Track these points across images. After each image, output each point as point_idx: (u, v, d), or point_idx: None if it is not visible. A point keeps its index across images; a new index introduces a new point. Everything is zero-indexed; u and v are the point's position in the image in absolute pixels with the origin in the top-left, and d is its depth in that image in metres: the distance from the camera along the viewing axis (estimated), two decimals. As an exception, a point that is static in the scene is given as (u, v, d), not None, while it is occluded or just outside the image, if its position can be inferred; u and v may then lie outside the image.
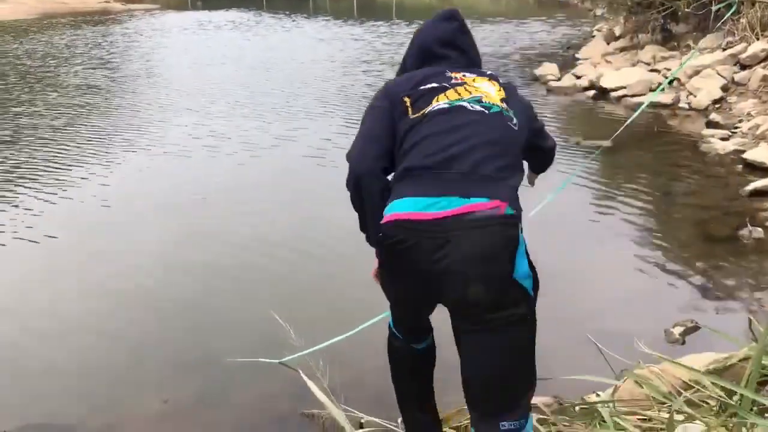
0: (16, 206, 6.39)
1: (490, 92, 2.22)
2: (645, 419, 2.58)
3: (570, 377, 2.97)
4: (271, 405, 3.34)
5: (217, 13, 27.35)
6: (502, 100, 2.22)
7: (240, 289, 4.64)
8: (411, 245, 1.98)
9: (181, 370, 3.67)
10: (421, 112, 2.16)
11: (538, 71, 12.18)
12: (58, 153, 8.19)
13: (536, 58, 14.07)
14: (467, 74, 2.28)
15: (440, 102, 2.16)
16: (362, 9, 27.82)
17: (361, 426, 3.05)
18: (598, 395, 2.87)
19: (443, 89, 2.20)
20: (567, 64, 12.82)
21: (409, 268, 2.03)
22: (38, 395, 3.49)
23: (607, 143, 7.08)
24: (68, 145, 8.55)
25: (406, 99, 2.21)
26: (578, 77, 11.46)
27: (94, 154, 8.16)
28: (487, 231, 1.93)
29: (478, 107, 2.15)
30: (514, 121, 2.20)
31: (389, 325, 2.48)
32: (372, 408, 3.09)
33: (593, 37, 15.01)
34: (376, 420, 2.99)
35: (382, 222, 2.08)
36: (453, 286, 1.96)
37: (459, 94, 2.18)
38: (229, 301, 4.45)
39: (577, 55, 13.60)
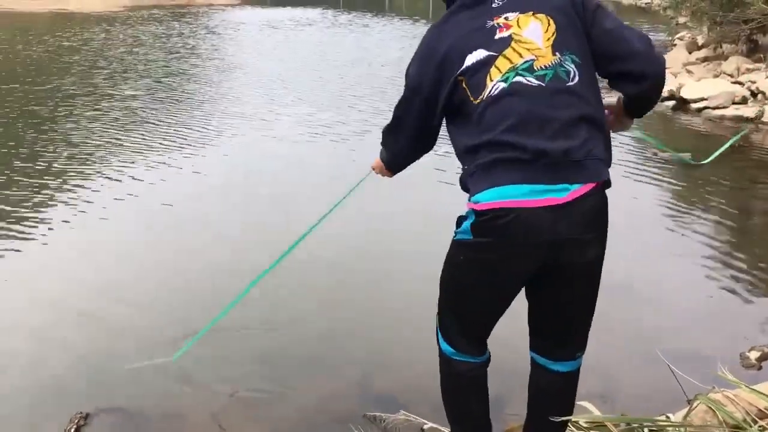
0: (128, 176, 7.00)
1: (538, 41, 2.08)
2: (717, 446, 2.51)
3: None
4: (334, 405, 3.35)
5: (296, 10, 27.68)
6: (553, 44, 2.08)
7: (316, 283, 4.69)
8: (524, 220, 2.02)
9: (250, 364, 3.72)
10: (480, 98, 2.08)
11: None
12: (168, 134, 8.73)
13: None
14: (509, 15, 2.12)
15: (495, 80, 2.06)
16: (438, 10, 27.79)
17: (422, 432, 3.05)
18: (667, 417, 2.80)
19: (492, 59, 2.08)
20: (658, 58, 12.52)
21: (521, 242, 2.05)
22: (110, 379, 3.57)
23: (687, 155, 6.91)
24: (176, 127, 9.06)
25: (461, 79, 2.12)
26: (657, 87, 11.19)
27: (203, 136, 8.64)
28: (594, 198, 2.07)
29: (534, 81, 2.05)
30: (572, 73, 2.08)
31: (445, 353, 2.42)
32: (433, 414, 3.07)
33: (674, 45, 14.66)
34: (439, 427, 2.97)
35: (482, 209, 2.06)
36: (573, 251, 2.10)
37: (510, 61, 2.07)
38: (306, 294, 4.51)
39: (656, 64, 13.26)
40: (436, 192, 6.19)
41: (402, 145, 2.49)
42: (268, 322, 4.13)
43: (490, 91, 2.07)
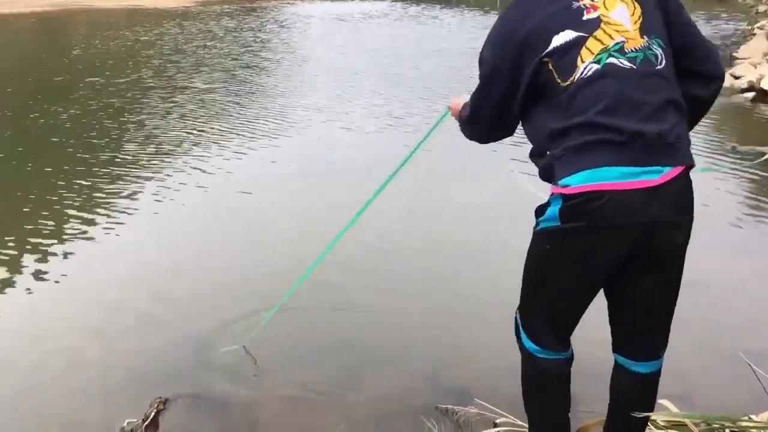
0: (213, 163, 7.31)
1: (626, 24, 2.07)
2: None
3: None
4: (406, 396, 3.36)
5: (365, 3, 27.68)
6: (641, 27, 2.08)
7: (388, 273, 4.72)
8: (617, 202, 1.98)
9: (321, 353, 3.77)
10: (571, 80, 2.05)
11: (691, 70, 11.62)
12: (243, 125, 8.94)
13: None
14: None
15: (587, 61, 2.04)
16: (506, 1, 27.46)
17: (495, 426, 3.03)
18: (750, 418, 2.72)
19: (582, 40, 2.05)
20: (724, 63, 12.15)
21: (614, 224, 2.02)
22: (188, 365, 3.66)
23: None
24: (251, 119, 9.28)
25: (547, 60, 2.08)
26: (736, 78, 10.87)
27: (277, 127, 8.83)
28: (682, 181, 2.05)
29: (626, 63, 2.03)
30: (660, 57, 2.07)
31: (529, 351, 2.37)
32: (506, 408, 3.06)
33: (754, 35, 14.21)
34: (513, 420, 2.96)
35: (573, 192, 2.02)
36: (664, 233, 2.07)
37: (601, 42, 2.04)
38: (378, 285, 4.55)
39: (735, 54, 12.91)
40: (512, 183, 6.13)
41: (478, 135, 2.47)
42: (341, 312, 4.17)
43: (582, 72, 2.04)
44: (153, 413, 3.19)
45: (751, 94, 10.12)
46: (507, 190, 6.01)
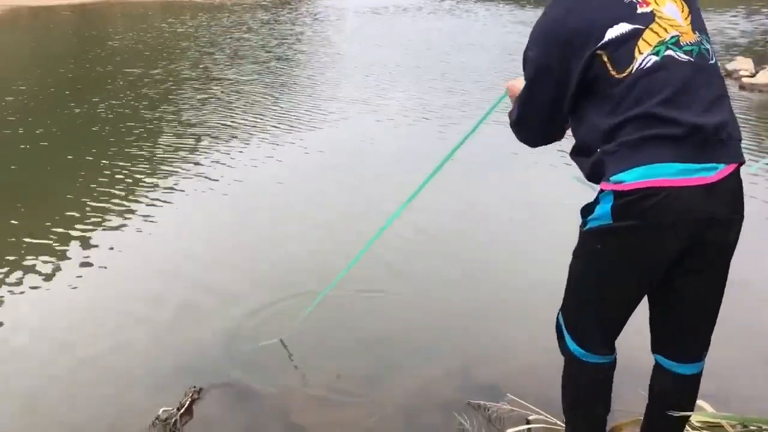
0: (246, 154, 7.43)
1: (679, 20, 2.07)
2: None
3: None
4: (437, 392, 3.36)
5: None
6: (691, 23, 2.09)
7: (422, 268, 4.71)
8: (674, 199, 1.96)
9: (354, 345, 3.78)
10: (628, 71, 2.02)
11: (730, 66, 11.45)
12: (277, 116, 9.03)
13: (729, 50, 13.25)
14: None
15: (645, 53, 2.02)
16: (543, -5, 27.17)
17: (528, 422, 3.02)
18: (787, 420, 2.69)
19: (639, 32, 2.03)
20: (764, 59, 11.97)
21: (671, 221, 1.99)
22: (222, 357, 3.69)
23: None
24: (285, 111, 9.34)
25: (600, 53, 2.04)
26: (776, 74, 10.69)
27: (312, 119, 8.89)
28: (735, 179, 2.05)
29: (683, 57, 2.02)
30: (711, 52, 2.10)
31: (574, 354, 2.32)
32: (538, 404, 3.05)
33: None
34: (546, 416, 2.95)
35: (628, 188, 1.98)
36: (718, 230, 2.06)
37: (658, 35, 2.03)
38: (412, 279, 4.54)
39: (775, 50, 12.70)
40: (548, 180, 6.11)
41: (527, 137, 2.43)
42: (374, 306, 4.18)
43: (641, 63, 2.02)
44: (188, 402, 3.23)
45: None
46: (548, 185, 5.98)
